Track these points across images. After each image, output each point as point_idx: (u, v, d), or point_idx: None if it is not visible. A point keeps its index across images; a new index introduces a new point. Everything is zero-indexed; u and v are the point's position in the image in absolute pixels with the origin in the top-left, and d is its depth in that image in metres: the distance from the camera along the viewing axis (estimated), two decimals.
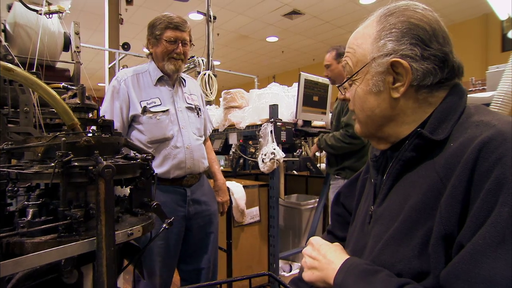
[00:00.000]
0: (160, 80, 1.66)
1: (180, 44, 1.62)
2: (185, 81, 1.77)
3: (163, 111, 1.59)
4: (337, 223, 0.97)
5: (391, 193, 0.68)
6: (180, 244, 1.67)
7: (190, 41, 1.69)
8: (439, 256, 0.54)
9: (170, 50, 1.61)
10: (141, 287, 1.61)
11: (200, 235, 1.73)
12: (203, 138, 1.78)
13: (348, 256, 0.70)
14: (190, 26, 1.67)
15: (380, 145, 0.73)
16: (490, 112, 0.63)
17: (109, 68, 5.33)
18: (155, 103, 1.60)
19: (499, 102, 1.04)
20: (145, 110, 1.57)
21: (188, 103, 1.72)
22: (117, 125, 1.56)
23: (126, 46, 5.71)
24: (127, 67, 5.26)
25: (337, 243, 0.77)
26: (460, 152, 0.56)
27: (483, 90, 1.97)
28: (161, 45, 1.61)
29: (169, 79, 1.68)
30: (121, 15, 5.50)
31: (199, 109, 1.77)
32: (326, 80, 2.62)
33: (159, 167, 1.58)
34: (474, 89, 2.22)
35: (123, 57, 5.30)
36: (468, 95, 0.68)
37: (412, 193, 0.62)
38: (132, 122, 1.61)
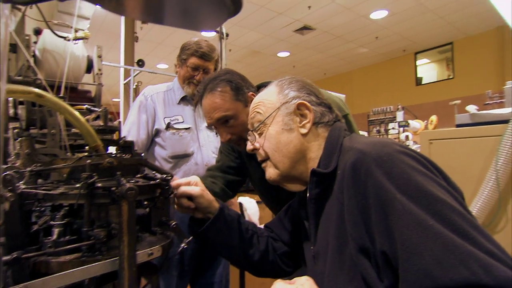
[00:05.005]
0: (183, 99, 1.74)
1: (201, 72, 1.69)
2: None
3: (186, 129, 1.67)
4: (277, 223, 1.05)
5: (318, 232, 0.79)
6: (195, 259, 1.68)
7: (215, 69, 1.76)
8: (365, 267, 0.62)
9: (191, 75, 1.69)
10: None
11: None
12: None
13: None
14: (217, 54, 1.74)
15: (296, 186, 0.84)
16: (356, 138, 0.77)
17: (124, 84, 5.48)
18: (178, 120, 1.68)
19: None
20: (168, 126, 1.64)
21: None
22: (143, 137, 1.64)
23: (140, 63, 5.86)
24: (141, 83, 5.41)
25: (306, 278, 0.74)
26: (343, 176, 0.69)
27: (501, 103, 1.94)
28: (184, 69, 1.70)
29: (192, 99, 1.75)
30: (136, 33, 5.68)
31: None
32: (338, 95, 2.62)
33: None
34: (491, 102, 2.18)
35: (137, 73, 5.45)
36: (485, 111, 0.75)
37: (330, 225, 0.73)
38: (154, 137, 1.68)
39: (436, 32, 6.67)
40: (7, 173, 0.51)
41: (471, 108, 1.54)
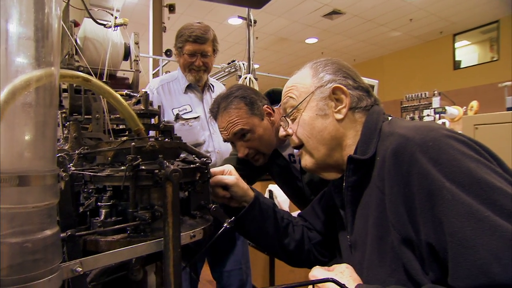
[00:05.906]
0: (189, 88, 1.73)
1: (199, 57, 1.66)
2: (213, 87, 1.83)
3: (195, 118, 1.66)
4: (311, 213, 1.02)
5: (355, 220, 0.76)
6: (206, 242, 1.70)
7: (214, 50, 1.72)
8: (409, 259, 0.59)
9: (190, 62, 1.66)
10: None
11: (227, 237, 1.73)
12: None
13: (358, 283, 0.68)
14: (212, 34, 1.69)
15: (331, 174, 0.81)
16: (397, 122, 0.73)
17: (153, 74, 5.60)
18: (186, 110, 1.67)
19: None
20: (177, 117, 1.63)
21: None
22: None
23: (168, 53, 5.95)
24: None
25: (346, 265, 0.73)
26: (383, 163, 0.65)
27: None
28: (182, 57, 1.68)
29: (198, 85, 1.74)
30: (164, 23, 5.76)
31: None
32: (370, 81, 2.52)
33: None
34: None
35: (166, 63, 5.54)
36: None
37: (368, 214, 0.69)
38: None
39: (479, 10, 6.19)
40: (60, 155, 0.52)
41: None
